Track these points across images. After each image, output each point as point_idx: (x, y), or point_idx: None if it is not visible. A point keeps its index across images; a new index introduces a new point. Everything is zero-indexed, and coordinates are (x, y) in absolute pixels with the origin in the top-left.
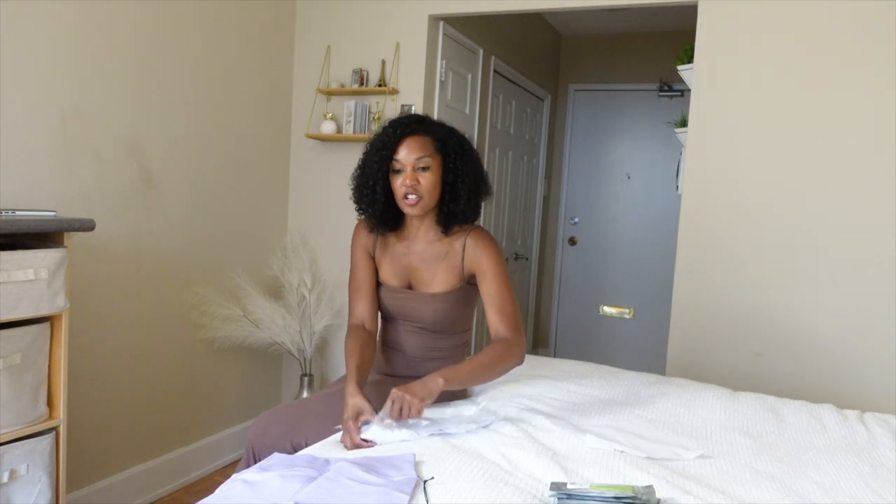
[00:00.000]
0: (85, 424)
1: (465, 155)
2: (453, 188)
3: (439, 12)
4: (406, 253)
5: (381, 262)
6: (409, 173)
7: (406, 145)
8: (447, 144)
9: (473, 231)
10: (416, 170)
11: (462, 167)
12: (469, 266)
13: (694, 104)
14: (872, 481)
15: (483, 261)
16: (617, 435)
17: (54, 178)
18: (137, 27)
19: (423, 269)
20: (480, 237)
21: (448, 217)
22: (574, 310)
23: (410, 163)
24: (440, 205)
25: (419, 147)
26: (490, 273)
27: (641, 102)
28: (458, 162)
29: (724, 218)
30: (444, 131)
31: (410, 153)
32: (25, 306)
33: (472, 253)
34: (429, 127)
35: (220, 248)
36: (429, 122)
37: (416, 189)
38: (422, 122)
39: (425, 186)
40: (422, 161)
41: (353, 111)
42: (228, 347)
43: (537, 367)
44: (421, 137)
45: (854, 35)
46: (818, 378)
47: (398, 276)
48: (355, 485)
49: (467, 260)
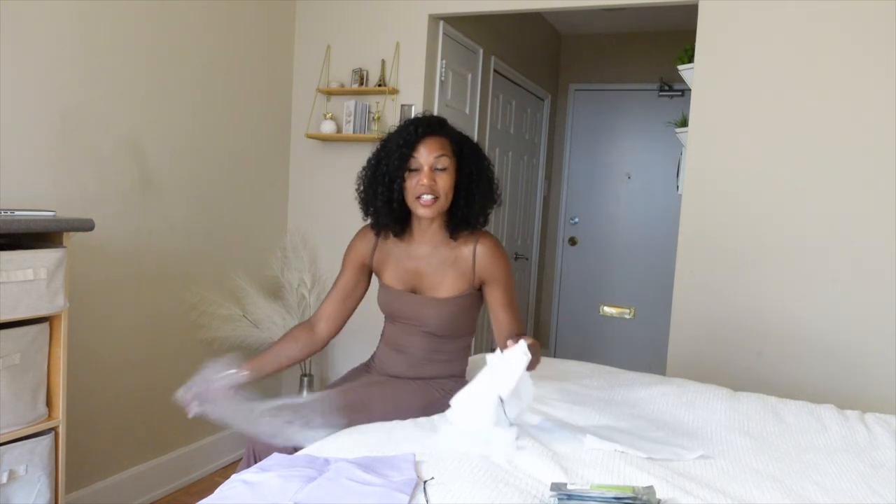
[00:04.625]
0: (84, 424)
1: (480, 162)
2: (468, 193)
3: (439, 12)
4: (410, 257)
5: (382, 267)
6: (426, 172)
7: (425, 144)
8: (464, 149)
9: (483, 237)
10: (434, 170)
11: (477, 173)
12: (480, 273)
13: (694, 104)
14: (873, 481)
15: (496, 270)
16: (617, 435)
17: (54, 178)
18: (137, 27)
19: (430, 274)
20: (492, 244)
21: (459, 222)
22: (574, 310)
23: (429, 162)
24: (452, 209)
25: (439, 147)
26: (504, 282)
27: (641, 102)
28: (474, 167)
29: (725, 218)
30: (462, 137)
31: (430, 153)
32: (25, 306)
33: (485, 261)
34: (448, 130)
35: (219, 248)
36: (448, 126)
37: (432, 189)
38: (442, 125)
39: (442, 187)
40: (440, 161)
41: (352, 111)
42: (228, 347)
43: (537, 367)
44: (440, 138)
45: (854, 35)
46: (818, 378)
47: (402, 279)
48: (355, 485)
49: (479, 266)
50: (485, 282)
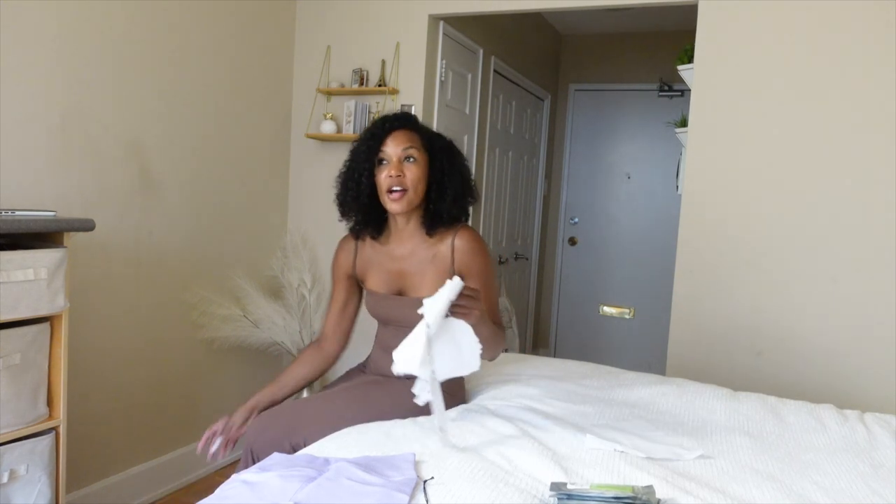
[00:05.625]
0: (85, 424)
1: (453, 157)
2: (440, 186)
3: (439, 12)
4: (391, 259)
5: (366, 273)
6: (394, 164)
7: (393, 137)
8: (434, 144)
9: (461, 231)
10: (402, 161)
11: (449, 167)
12: (459, 267)
13: (694, 104)
14: (873, 481)
15: (473, 263)
16: (617, 435)
17: (54, 179)
18: (137, 27)
19: (412, 275)
20: (469, 237)
21: (433, 217)
22: (574, 310)
23: (397, 154)
24: (425, 204)
25: (406, 139)
26: (480, 274)
27: (641, 102)
28: (445, 162)
29: (724, 218)
30: (432, 133)
31: (398, 145)
32: (25, 306)
33: (463, 254)
34: (417, 124)
35: (219, 248)
36: (417, 121)
37: (401, 181)
38: (410, 119)
39: (410, 179)
40: (408, 152)
41: (353, 111)
42: (228, 347)
43: (537, 367)
44: (408, 132)
45: (854, 35)
46: (818, 378)
47: (386, 283)
48: (355, 485)
49: (458, 261)
50: (464, 274)
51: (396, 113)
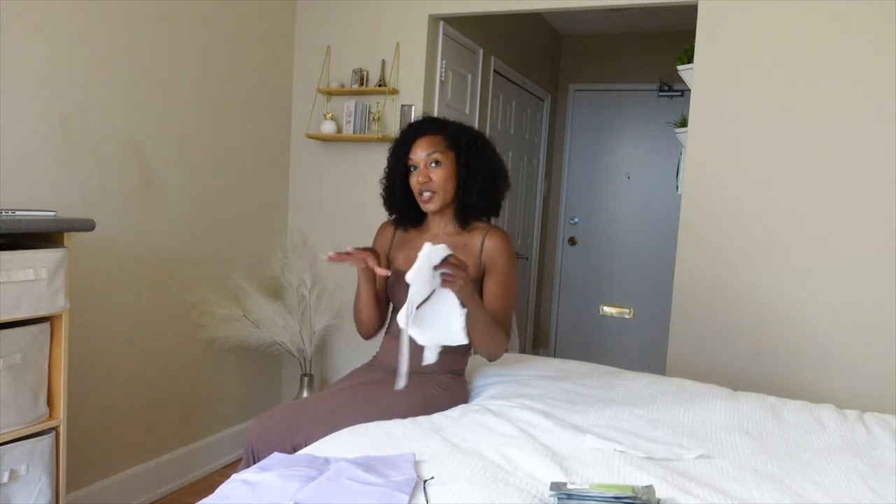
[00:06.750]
0: (85, 424)
1: (479, 150)
2: (466, 182)
3: (439, 12)
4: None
5: (398, 254)
6: (421, 170)
7: (419, 144)
8: (459, 141)
9: (493, 230)
10: (428, 166)
11: (475, 162)
12: (486, 259)
13: (694, 104)
14: (872, 481)
15: (499, 261)
16: (617, 435)
17: (54, 179)
18: (137, 28)
19: None
20: (499, 237)
21: (464, 211)
22: (574, 310)
23: (423, 160)
24: (456, 200)
25: (430, 144)
26: (501, 274)
27: (641, 102)
28: (471, 157)
29: (724, 218)
30: (457, 129)
31: (422, 151)
32: (25, 306)
33: (490, 250)
34: (441, 126)
35: (220, 249)
36: (441, 122)
37: (428, 185)
38: (434, 122)
39: (437, 182)
40: (432, 157)
41: (353, 111)
42: (228, 347)
43: (537, 367)
44: (432, 136)
45: (854, 34)
46: (818, 378)
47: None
48: (355, 485)
49: (485, 255)
50: (487, 270)
51: (420, 119)
